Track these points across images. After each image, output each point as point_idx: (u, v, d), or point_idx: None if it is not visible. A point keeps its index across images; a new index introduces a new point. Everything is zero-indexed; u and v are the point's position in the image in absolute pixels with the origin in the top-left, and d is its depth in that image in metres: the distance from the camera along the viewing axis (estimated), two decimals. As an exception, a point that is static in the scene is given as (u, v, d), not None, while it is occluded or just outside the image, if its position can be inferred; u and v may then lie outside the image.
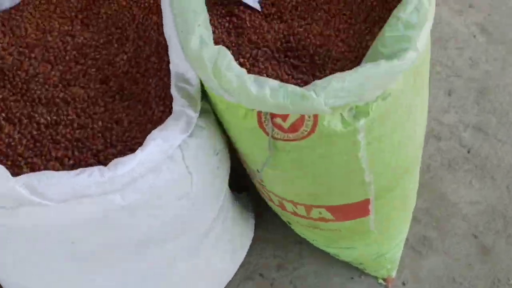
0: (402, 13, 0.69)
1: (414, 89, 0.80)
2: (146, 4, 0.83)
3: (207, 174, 0.80)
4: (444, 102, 1.46)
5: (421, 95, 0.88)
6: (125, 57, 0.79)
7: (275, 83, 0.66)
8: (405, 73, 0.72)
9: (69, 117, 0.72)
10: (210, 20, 0.78)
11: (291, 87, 0.65)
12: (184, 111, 0.70)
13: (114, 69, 0.79)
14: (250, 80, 0.66)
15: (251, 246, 1.22)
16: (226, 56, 0.67)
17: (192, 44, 0.68)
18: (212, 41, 0.71)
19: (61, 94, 0.74)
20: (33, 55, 0.76)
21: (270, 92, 0.65)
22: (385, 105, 0.74)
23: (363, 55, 0.74)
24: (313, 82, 0.67)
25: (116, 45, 0.80)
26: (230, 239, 1.07)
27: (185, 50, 0.69)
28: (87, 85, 0.77)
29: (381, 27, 0.76)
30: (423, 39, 0.70)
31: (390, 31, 0.69)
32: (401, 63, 0.67)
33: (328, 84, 0.65)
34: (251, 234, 1.23)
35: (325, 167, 0.82)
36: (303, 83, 0.73)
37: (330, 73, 0.74)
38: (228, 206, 1.03)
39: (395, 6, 0.77)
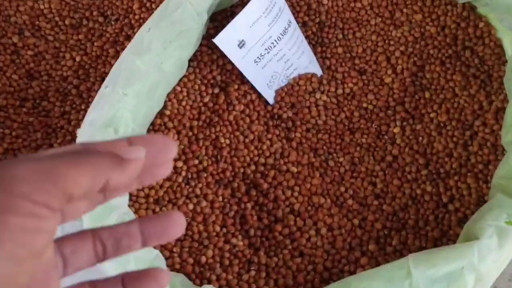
0: None
1: None
2: (150, 7, 0.58)
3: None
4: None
5: None
6: (78, 58, 0.56)
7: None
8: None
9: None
10: (187, 81, 0.52)
11: None
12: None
13: (55, 68, 0.57)
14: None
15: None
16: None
17: (90, 117, 0.43)
18: (135, 126, 0.46)
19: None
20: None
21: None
22: None
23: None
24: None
25: (80, 37, 0.57)
26: None
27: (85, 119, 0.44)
28: (6, 69, 0.56)
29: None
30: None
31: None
32: None
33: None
34: None
35: None
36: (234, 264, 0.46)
37: (273, 270, 0.46)
38: None
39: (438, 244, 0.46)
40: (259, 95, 0.53)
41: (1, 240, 0.18)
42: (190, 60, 0.52)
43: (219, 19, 0.56)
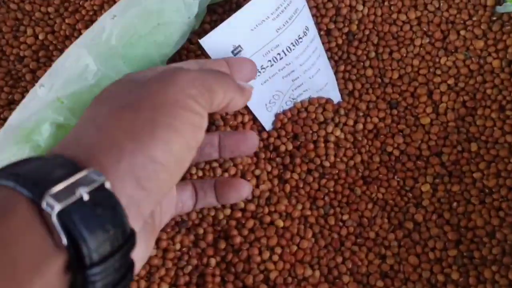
0: None
1: None
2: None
3: None
4: None
5: None
6: (42, 36, 0.45)
7: None
8: None
9: None
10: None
11: None
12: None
13: (11, 44, 0.46)
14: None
15: None
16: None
17: (9, 123, 0.32)
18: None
19: None
20: None
21: None
22: None
23: None
24: None
25: (49, 9, 0.46)
26: None
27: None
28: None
29: None
30: None
31: None
32: None
33: None
34: None
35: None
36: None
37: None
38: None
39: None
40: (254, 118, 0.41)
41: (182, 130, 0.22)
42: (170, 61, 0.40)
43: (219, 12, 0.44)
